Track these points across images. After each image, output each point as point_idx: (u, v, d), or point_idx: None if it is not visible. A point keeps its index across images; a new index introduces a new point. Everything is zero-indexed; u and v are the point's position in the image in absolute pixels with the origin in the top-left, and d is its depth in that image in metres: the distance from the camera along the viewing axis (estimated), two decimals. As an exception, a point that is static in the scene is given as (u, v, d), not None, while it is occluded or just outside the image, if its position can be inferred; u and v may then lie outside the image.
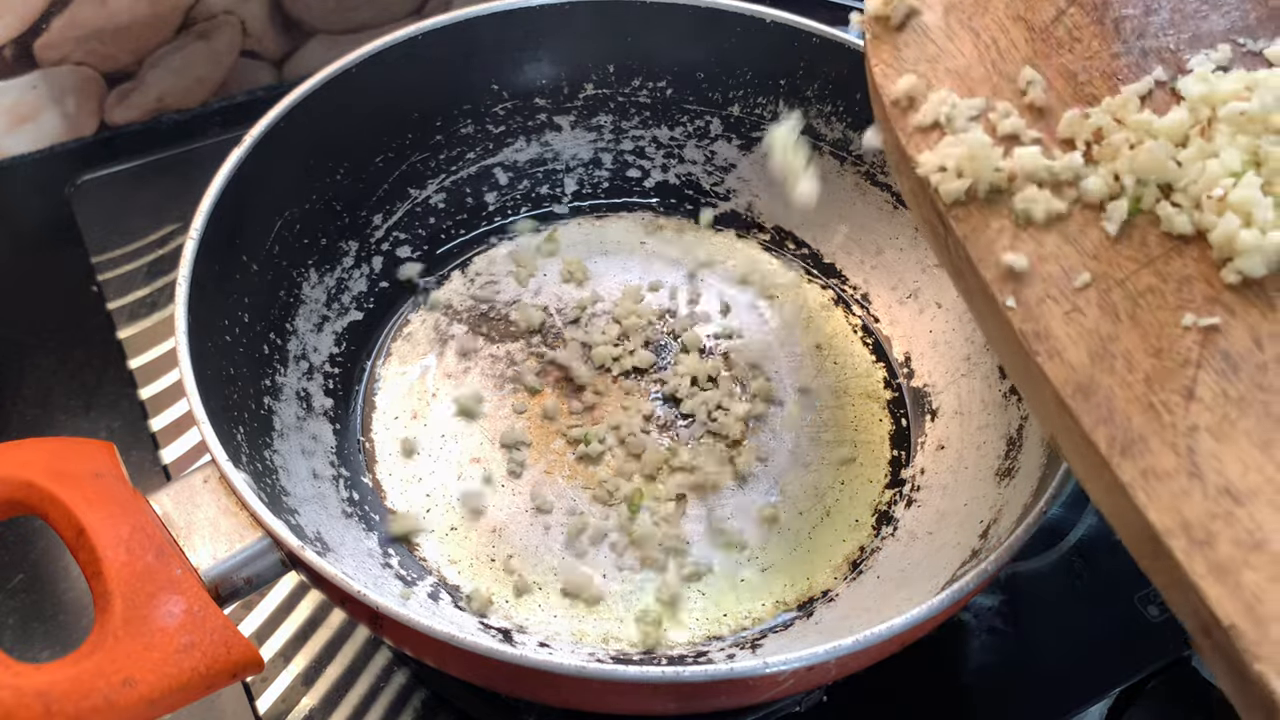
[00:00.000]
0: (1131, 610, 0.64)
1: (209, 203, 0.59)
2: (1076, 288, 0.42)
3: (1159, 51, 0.48)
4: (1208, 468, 0.37)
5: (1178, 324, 0.40)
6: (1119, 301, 0.42)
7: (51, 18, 0.81)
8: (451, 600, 0.60)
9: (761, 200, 0.79)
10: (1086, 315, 0.42)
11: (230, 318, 0.61)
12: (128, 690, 0.42)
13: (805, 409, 0.69)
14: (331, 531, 0.59)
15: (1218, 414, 0.38)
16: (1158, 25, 0.49)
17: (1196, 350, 0.40)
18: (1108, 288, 0.42)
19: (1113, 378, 0.40)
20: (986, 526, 0.58)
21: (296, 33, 0.93)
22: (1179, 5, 0.49)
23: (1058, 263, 0.43)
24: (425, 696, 0.60)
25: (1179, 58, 0.47)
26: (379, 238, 0.74)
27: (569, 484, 0.65)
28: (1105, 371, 0.40)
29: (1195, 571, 0.35)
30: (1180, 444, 0.38)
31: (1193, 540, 0.36)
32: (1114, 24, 0.49)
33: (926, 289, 0.72)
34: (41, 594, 0.64)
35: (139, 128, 0.91)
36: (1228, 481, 0.37)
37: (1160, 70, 0.47)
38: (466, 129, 0.76)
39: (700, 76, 0.76)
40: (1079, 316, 0.42)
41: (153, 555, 0.46)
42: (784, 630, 0.59)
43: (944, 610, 0.47)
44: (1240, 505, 0.36)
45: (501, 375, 0.70)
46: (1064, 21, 0.49)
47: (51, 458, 0.48)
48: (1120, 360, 0.40)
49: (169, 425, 0.71)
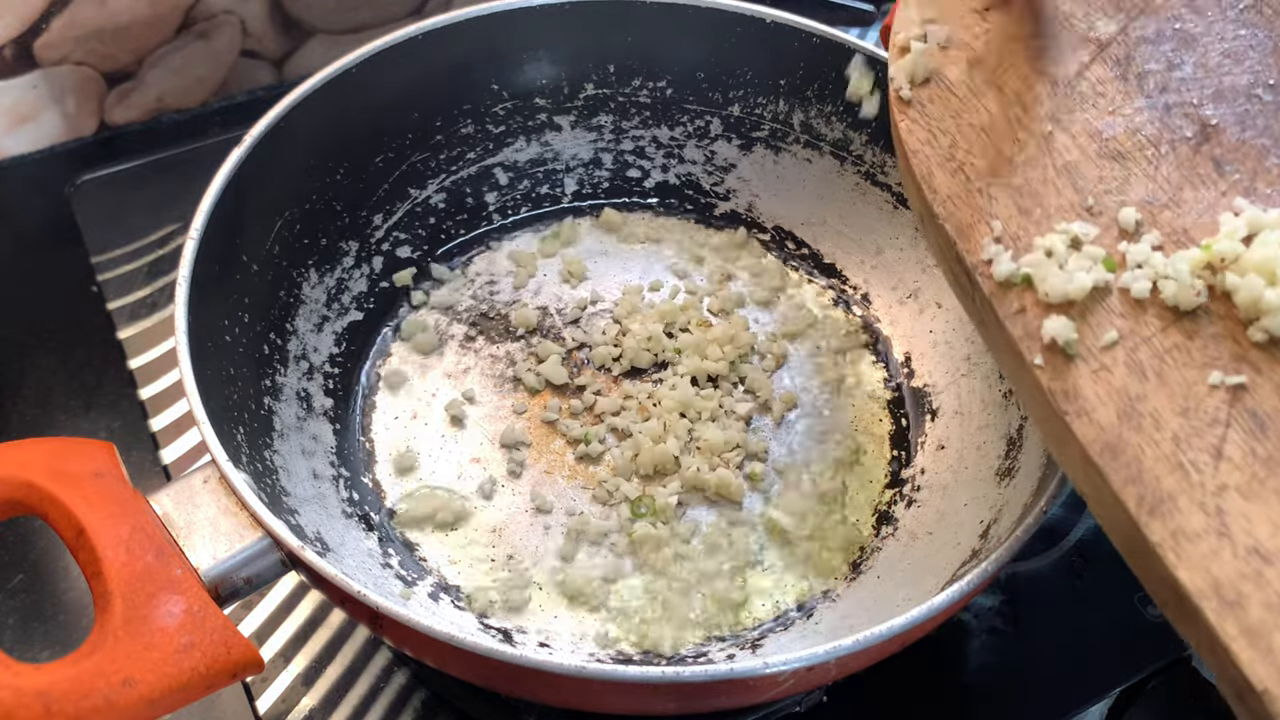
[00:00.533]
0: (1131, 610, 0.64)
1: (209, 203, 0.59)
2: (1103, 346, 0.42)
3: (1182, 107, 0.48)
4: (1237, 528, 0.37)
5: (1205, 382, 0.40)
6: (1146, 360, 0.41)
7: (51, 18, 0.81)
8: (451, 600, 0.60)
9: (761, 200, 0.79)
10: (1114, 374, 0.41)
11: (230, 318, 0.61)
12: (128, 690, 0.42)
13: (805, 409, 0.69)
14: (331, 531, 0.59)
15: (1246, 473, 0.38)
16: (1180, 80, 0.48)
17: (1225, 409, 0.40)
18: (1135, 345, 0.42)
19: (1141, 436, 0.40)
20: (986, 526, 0.58)
21: (296, 33, 0.93)
22: (1202, 60, 0.49)
23: (1084, 320, 0.43)
24: (425, 696, 0.60)
25: (1201, 113, 0.47)
26: (379, 238, 0.74)
27: (569, 484, 0.65)
28: (1133, 430, 0.40)
29: (1227, 634, 0.35)
30: (1209, 503, 0.38)
31: (1224, 601, 0.36)
32: (1137, 79, 0.49)
33: (926, 289, 0.72)
34: (41, 594, 0.64)
35: (139, 128, 0.91)
36: (1257, 541, 0.36)
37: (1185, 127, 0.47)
38: (466, 129, 0.76)
39: (700, 76, 0.76)
40: (1106, 375, 0.41)
41: (153, 555, 0.46)
42: (784, 630, 0.59)
43: (944, 610, 0.47)
44: (1270, 565, 0.36)
45: (501, 375, 0.70)
46: (1087, 76, 0.49)
47: (51, 458, 0.48)
48: (1148, 419, 0.40)
49: (169, 425, 0.71)
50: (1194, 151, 0.47)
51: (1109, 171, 0.47)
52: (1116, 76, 0.49)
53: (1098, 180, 0.47)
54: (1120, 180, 0.46)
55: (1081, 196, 0.46)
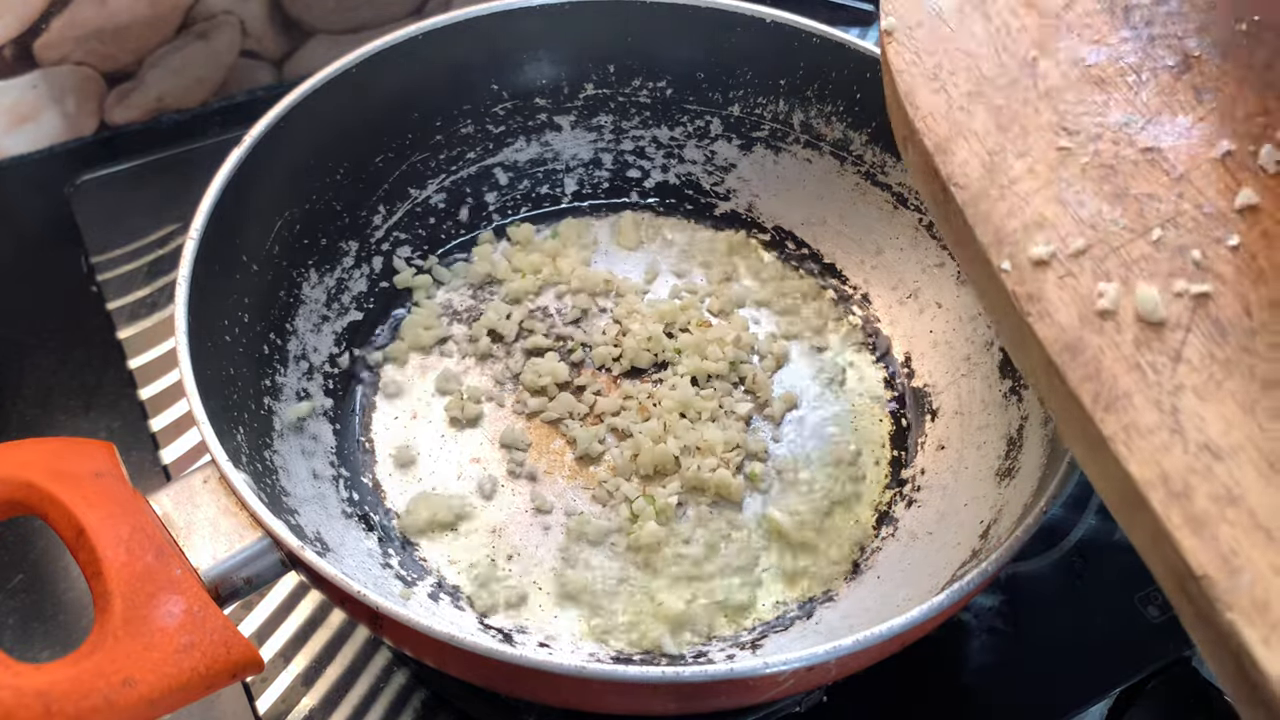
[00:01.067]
0: (1131, 610, 0.64)
1: (209, 203, 0.59)
2: (1070, 253, 0.43)
3: (1166, 39, 0.49)
4: (1190, 425, 0.38)
5: (1170, 290, 0.41)
6: (1113, 269, 0.43)
7: (51, 18, 0.81)
8: (451, 600, 0.60)
9: (761, 200, 0.79)
10: (1080, 280, 0.43)
11: (230, 318, 0.61)
12: (128, 690, 0.42)
13: (805, 409, 0.69)
14: (331, 531, 0.59)
15: (1204, 375, 0.39)
16: (1166, 14, 0.50)
17: (1187, 315, 0.41)
18: (1103, 255, 0.43)
19: (1102, 338, 0.41)
20: (986, 526, 0.58)
21: (296, 33, 0.93)
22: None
23: (1054, 229, 0.44)
24: (425, 696, 0.60)
25: (1184, 45, 0.48)
26: (379, 238, 0.74)
27: (569, 484, 0.65)
28: (1094, 333, 0.41)
29: (1172, 522, 0.36)
30: (1165, 402, 0.39)
31: (1171, 492, 0.37)
32: (1124, 12, 0.50)
33: (926, 289, 0.72)
34: (41, 594, 0.64)
35: (139, 128, 0.91)
36: (1209, 439, 0.38)
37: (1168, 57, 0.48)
38: (466, 129, 0.76)
39: (700, 76, 0.76)
40: (1072, 281, 0.43)
41: (153, 555, 0.46)
42: (784, 630, 0.59)
43: (944, 610, 0.47)
44: (1220, 461, 0.37)
45: (501, 375, 0.70)
46: (1075, 8, 0.51)
47: (51, 458, 0.48)
48: (1110, 322, 0.41)
49: (169, 425, 0.71)
50: (1175, 79, 0.48)
51: (1089, 95, 0.48)
52: (1104, 9, 0.51)
53: (1077, 103, 0.48)
54: (1100, 104, 0.48)
55: (1060, 117, 0.48)
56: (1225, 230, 0.43)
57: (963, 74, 0.50)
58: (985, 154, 0.47)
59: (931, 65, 0.51)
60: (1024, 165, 0.47)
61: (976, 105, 0.49)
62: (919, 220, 0.72)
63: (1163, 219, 0.44)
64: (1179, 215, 0.44)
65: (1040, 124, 0.48)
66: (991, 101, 0.49)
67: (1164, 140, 0.46)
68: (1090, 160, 0.46)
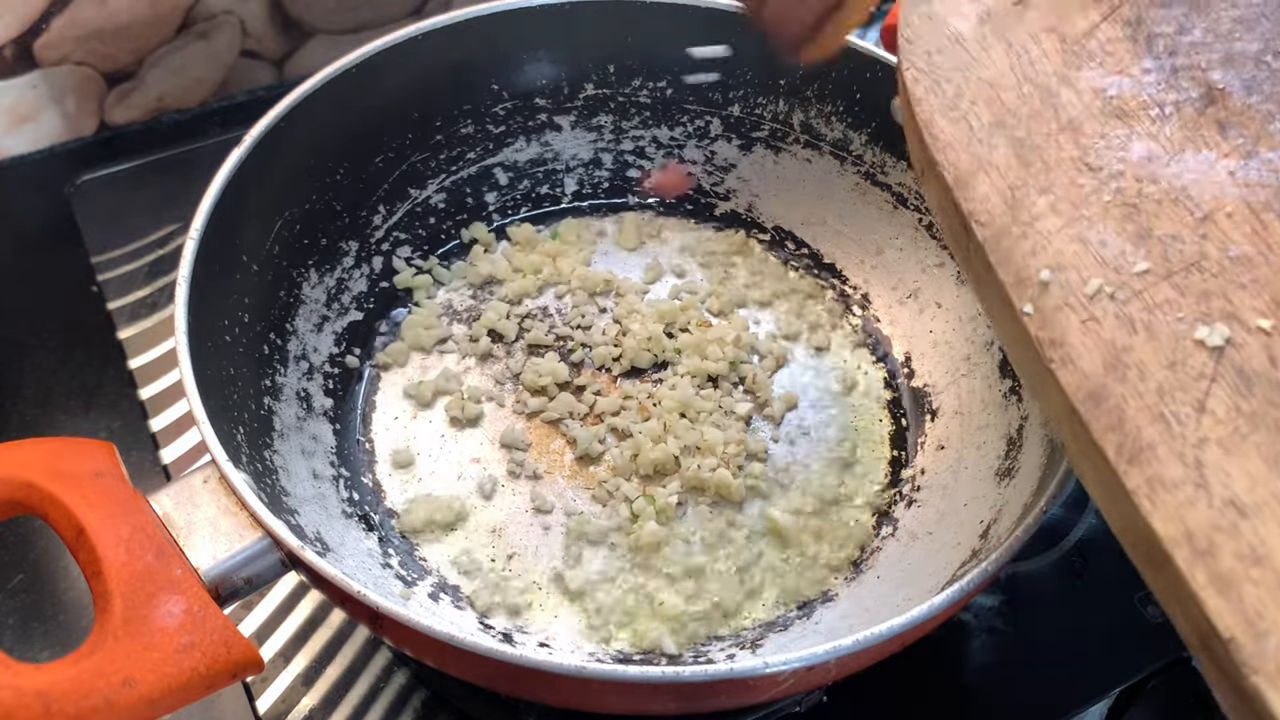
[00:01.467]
0: (1131, 610, 0.64)
1: (209, 203, 0.59)
2: (1092, 297, 0.42)
3: (1190, 70, 0.48)
4: (1215, 480, 0.37)
5: (1193, 337, 0.40)
6: (1136, 314, 0.42)
7: (51, 18, 0.82)
8: (451, 600, 0.60)
9: (761, 200, 0.79)
10: (1103, 325, 0.42)
11: (230, 318, 0.61)
12: (128, 690, 0.42)
13: (805, 409, 0.69)
14: (331, 531, 0.59)
15: (1229, 427, 0.38)
16: (1189, 44, 0.48)
17: (1211, 365, 0.40)
18: (1126, 299, 0.42)
19: (1125, 387, 0.40)
20: (986, 526, 0.58)
21: (296, 33, 0.93)
22: (1213, 25, 0.49)
23: (1076, 271, 0.43)
24: (425, 696, 0.60)
25: (1208, 77, 0.47)
26: (379, 238, 0.74)
27: (569, 484, 0.65)
28: (1118, 380, 0.40)
29: (1196, 581, 0.35)
30: (1189, 455, 0.38)
31: (1195, 550, 0.36)
32: (1146, 41, 0.49)
33: (926, 289, 0.72)
34: (41, 594, 0.64)
35: (139, 128, 0.91)
36: (1234, 494, 0.37)
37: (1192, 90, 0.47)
38: (466, 129, 0.76)
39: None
40: (1095, 326, 0.42)
41: (153, 555, 0.46)
42: (784, 630, 0.59)
43: (944, 610, 0.47)
44: (1245, 519, 0.36)
45: (501, 375, 0.70)
46: (1096, 36, 0.50)
47: (51, 458, 0.48)
48: (1134, 370, 0.40)
49: (169, 425, 0.71)
50: (1199, 114, 0.47)
51: (1112, 129, 0.47)
52: (1126, 37, 0.49)
53: (1099, 137, 0.47)
54: (1123, 138, 0.47)
55: (1082, 151, 0.47)
56: (1251, 275, 0.41)
57: (984, 104, 0.49)
58: (1007, 189, 0.46)
59: (951, 93, 0.49)
60: (1046, 202, 0.45)
61: (998, 137, 0.48)
62: (919, 220, 0.72)
63: (1186, 262, 0.42)
64: (1203, 259, 0.42)
65: (1062, 158, 0.46)
66: (1013, 133, 0.47)
67: (1188, 178, 0.45)
68: (1113, 198, 0.45)
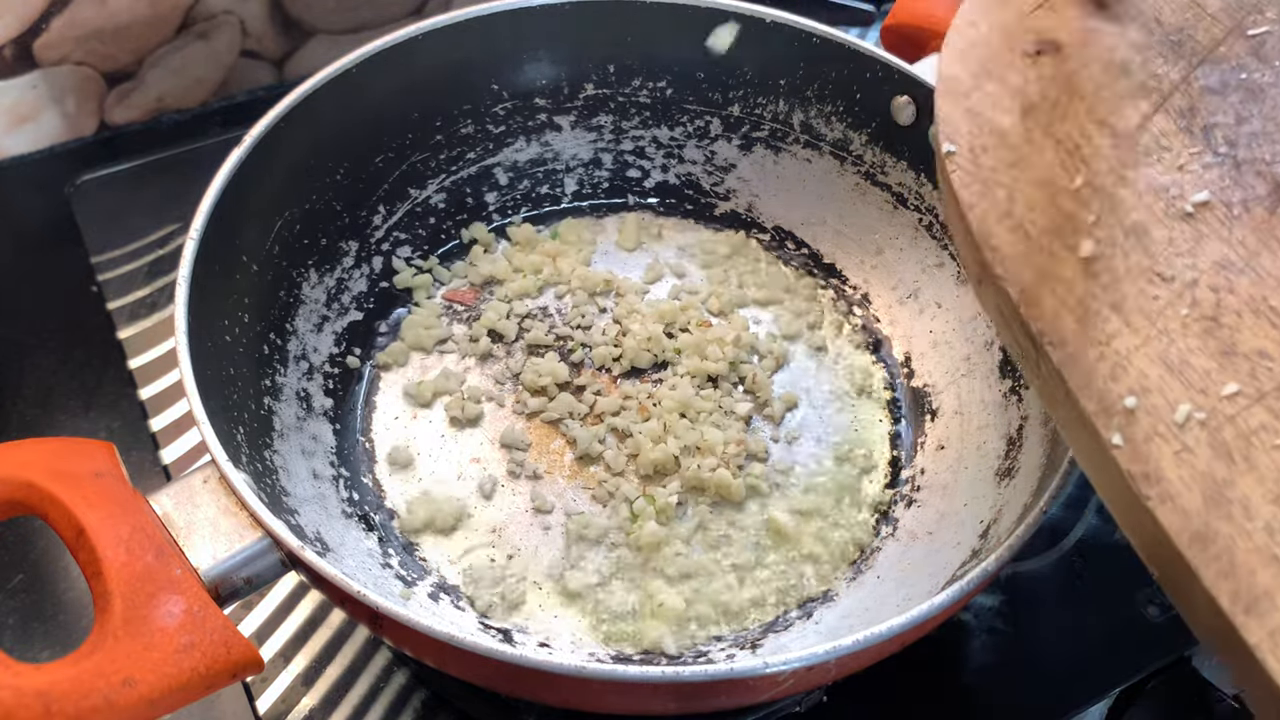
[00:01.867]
0: (1131, 610, 0.64)
1: (209, 203, 0.59)
2: (1179, 422, 0.39)
3: (1254, 164, 0.44)
4: None
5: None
6: (1231, 441, 0.38)
7: (51, 18, 0.81)
8: (451, 600, 0.60)
9: (761, 200, 0.79)
10: (1197, 455, 0.38)
11: (230, 318, 0.61)
12: (128, 690, 0.42)
13: (805, 409, 0.69)
14: (331, 531, 0.59)
15: None
16: (1249, 134, 0.45)
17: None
18: (1218, 425, 0.39)
19: (1231, 526, 0.37)
20: (986, 526, 0.58)
21: (296, 33, 0.93)
22: (1271, 114, 0.46)
23: (1162, 395, 0.40)
24: (425, 696, 0.60)
25: (1274, 171, 0.44)
26: (379, 238, 0.74)
27: (569, 484, 0.65)
28: (1223, 519, 0.37)
29: None
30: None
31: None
32: (1203, 132, 0.46)
33: (926, 289, 0.72)
34: (41, 594, 0.64)
35: (139, 128, 0.91)
36: None
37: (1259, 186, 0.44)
38: (466, 129, 0.76)
39: (700, 76, 0.76)
40: (1189, 457, 0.38)
41: (153, 555, 0.46)
42: (784, 630, 0.60)
43: (944, 610, 0.47)
44: None
45: (501, 375, 0.70)
46: (1149, 129, 0.46)
47: (51, 458, 0.48)
48: (1238, 506, 0.37)
49: (169, 425, 0.71)
50: (1269, 213, 0.44)
51: (1179, 233, 0.43)
52: (1181, 129, 0.46)
53: (1167, 243, 0.43)
54: (1191, 243, 0.43)
55: (1152, 260, 0.43)
56: None
57: (1040, 210, 0.45)
58: (1076, 304, 0.42)
59: (1004, 198, 0.46)
60: (1119, 319, 0.42)
61: (1058, 246, 0.44)
62: (919, 220, 0.72)
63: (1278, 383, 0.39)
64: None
65: (1130, 267, 0.43)
66: (1074, 241, 0.44)
67: (1267, 285, 0.41)
68: (1190, 311, 0.41)
